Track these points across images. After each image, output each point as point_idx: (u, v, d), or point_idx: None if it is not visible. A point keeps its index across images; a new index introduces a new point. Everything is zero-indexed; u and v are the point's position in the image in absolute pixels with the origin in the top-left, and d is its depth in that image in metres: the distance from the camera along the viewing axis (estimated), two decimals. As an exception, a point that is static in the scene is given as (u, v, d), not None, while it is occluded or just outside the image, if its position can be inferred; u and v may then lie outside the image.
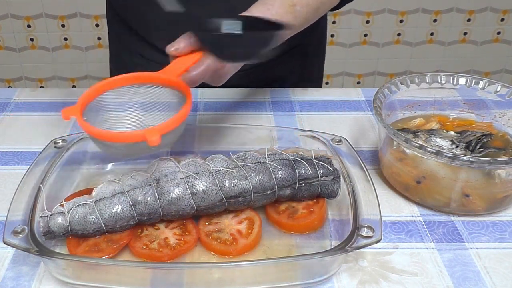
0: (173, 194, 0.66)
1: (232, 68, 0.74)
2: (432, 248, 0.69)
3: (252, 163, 0.70)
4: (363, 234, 0.61)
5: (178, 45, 0.71)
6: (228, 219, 0.70)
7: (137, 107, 0.67)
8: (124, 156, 0.67)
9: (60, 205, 0.66)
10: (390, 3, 2.25)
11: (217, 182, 0.67)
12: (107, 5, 1.11)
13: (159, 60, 1.03)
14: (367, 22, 2.28)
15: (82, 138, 0.78)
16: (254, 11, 0.76)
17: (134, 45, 1.05)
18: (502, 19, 2.32)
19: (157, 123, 0.65)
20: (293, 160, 0.71)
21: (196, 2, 0.94)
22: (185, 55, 0.71)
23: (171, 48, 0.71)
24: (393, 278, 0.65)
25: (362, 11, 2.26)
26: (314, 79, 1.18)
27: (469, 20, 2.31)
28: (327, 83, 2.41)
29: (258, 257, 0.66)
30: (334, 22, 2.27)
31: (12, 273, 0.65)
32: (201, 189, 0.67)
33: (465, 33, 2.34)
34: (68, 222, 0.64)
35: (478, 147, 0.76)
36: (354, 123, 0.95)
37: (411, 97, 0.85)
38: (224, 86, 0.82)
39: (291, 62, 1.07)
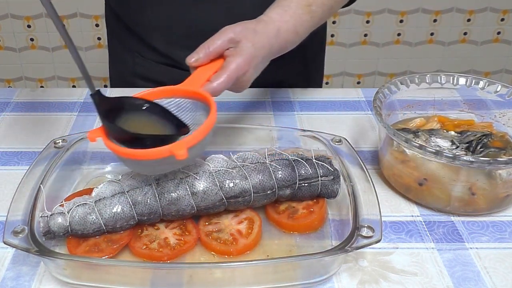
0: (173, 194, 0.66)
1: (253, 75, 0.74)
2: (432, 248, 0.69)
3: (252, 163, 0.70)
4: (363, 234, 0.61)
5: (198, 56, 0.70)
6: (228, 219, 0.70)
7: None
8: (155, 173, 0.67)
9: (60, 205, 0.66)
10: (390, 3, 2.25)
11: (217, 182, 0.67)
12: (106, 5, 1.11)
13: (158, 60, 1.04)
14: (367, 22, 2.28)
15: (82, 138, 0.78)
16: (271, 14, 0.76)
17: (133, 45, 1.06)
18: (502, 19, 2.32)
19: (184, 137, 0.64)
20: (293, 160, 0.71)
21: (193, 3, 0.94)
22: (205, 65, 0.71)
23: (191, 60, 0.71)
24: (393, 278, 0.65)
25: (362, 11, 2.26)
26: (315, 80, 1.18)
27: (469, 20, 2.31)
28: (327, 83, 2.41)
29: (258, 257, 0.66)
30: (334, 22, 2.27)
31: (12, 273, 0.65)
32: (201, 189, 0.67)
33: (465, 33, 2.34)
34: (68, 222, 0.64)
35: (479, 147, 0.76)
36: (354, 123, 0.95)
37: (411, 97, 0.85)
38: None
39: (292, 64, 1.07)
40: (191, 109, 0.67)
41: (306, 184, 0.70)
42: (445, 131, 0.80)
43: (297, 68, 1.10)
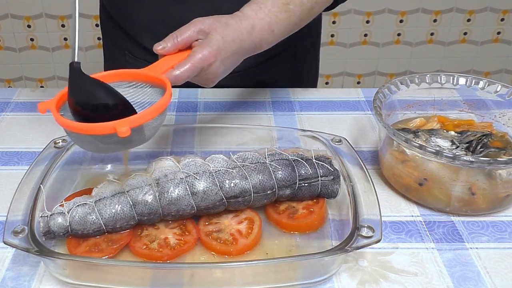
0: (173, 194, 0.66)
1: (220, 68, 0.72)
2: (432, 248, 0.69)
3: (252, 163, 0.70)
4: (363, 234, 0.61)
5: (165, 44, 0.71)
6: (228, 219, 0.70)
7: None
8: (101, 152, 0.67)
9: (60, 205, 0.66)
10: (390, 3, 2.25)
11: (217, 182, 0.67)
12: (100, 5, 1.12)
13: (148, 59, 1.04)
14: (367, 22, 2.28)
15: (82, 138, 0.78)
16: (246, 10, 0.76)
17: (125, 44, 1.06)
18: (502, 19, 2.32)
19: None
20: (293, 160, 0.71)
21: (180, 2, 0.94)
22: (172, 54, 0.71)
23: (158, 47, 0.71)
24: (393, 278, 0.65)
25: (362, 11, 2.26)
26: (308, 81, 1.17)
27: (469, 20, 2.31)
28: (327, 83, 2.41)
29: (258, 257, 0.66)
30: (334, 22, 2.27)
31: (12, 273, 0.65)
32: (201, 189, 0.67)
33: (465, 33, 2.34)
34: (68, 222, 0.64)
35: (479, 147, 0.76)
36: (354, 123, 0.95)
37: (411, 97, 0.85)
38: (220, 86, 0.81)
39: (282, 65, 1.06)
40: (150, 94, 0.66)
41: (306, 184, 0.70)
42: (445, 131, 0.80)
43: (286, 68, 1.09)
